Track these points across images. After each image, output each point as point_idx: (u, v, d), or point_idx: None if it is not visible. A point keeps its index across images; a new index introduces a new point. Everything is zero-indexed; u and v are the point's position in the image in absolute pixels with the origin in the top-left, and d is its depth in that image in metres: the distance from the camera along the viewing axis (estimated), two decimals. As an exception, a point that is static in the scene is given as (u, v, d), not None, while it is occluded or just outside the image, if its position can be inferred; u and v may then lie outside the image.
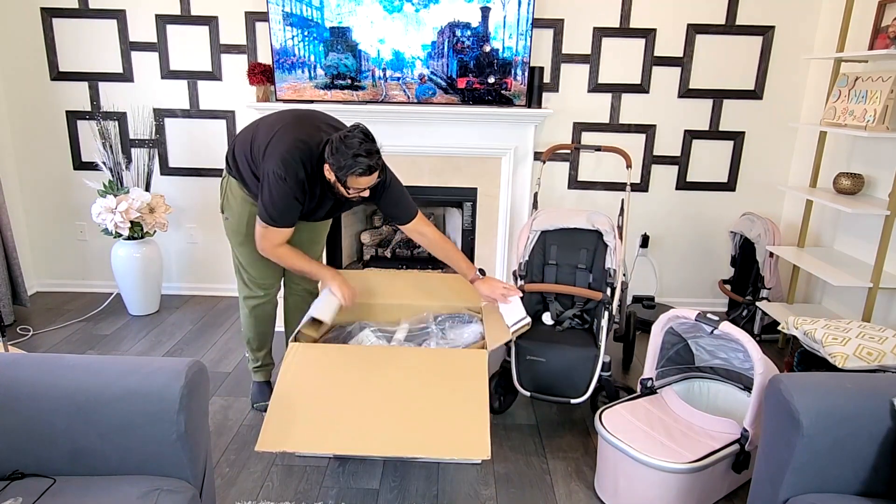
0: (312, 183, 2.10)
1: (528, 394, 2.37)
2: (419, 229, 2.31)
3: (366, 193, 2.11)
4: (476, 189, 3.53)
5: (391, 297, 2.47)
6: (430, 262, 3.84)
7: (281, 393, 1.82)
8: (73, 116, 3.51)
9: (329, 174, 2.03)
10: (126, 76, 3.45)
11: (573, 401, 2.32)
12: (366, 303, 2.40)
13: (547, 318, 2.60)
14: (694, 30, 3.33)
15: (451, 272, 2.48)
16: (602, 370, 2.34)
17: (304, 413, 1.79)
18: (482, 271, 2.37)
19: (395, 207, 2.26)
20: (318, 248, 2.56)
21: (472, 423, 1.82)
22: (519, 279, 2.54)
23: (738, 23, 3.31)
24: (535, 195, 3.02)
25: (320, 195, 2.16)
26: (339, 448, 1.75)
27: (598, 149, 2.93)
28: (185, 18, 3.36)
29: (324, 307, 2.16)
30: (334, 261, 3.66)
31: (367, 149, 1.95)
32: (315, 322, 2.19)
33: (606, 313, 2.40)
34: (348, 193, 2.07)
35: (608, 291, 2.44)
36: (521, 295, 2.34)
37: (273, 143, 2.08)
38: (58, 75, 3.44)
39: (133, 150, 3.57)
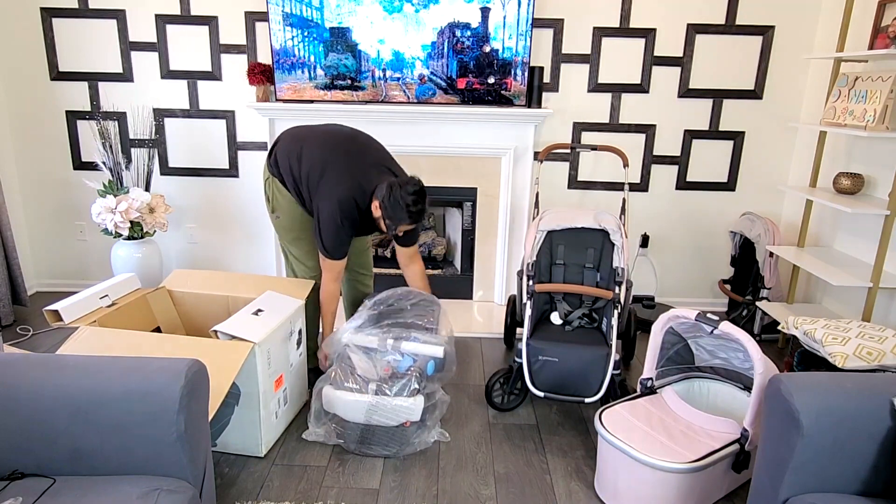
0: (364, 221, 2.39)
1: (541, 394, 2.37)
2: (412, 256, 2.65)
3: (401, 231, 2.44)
4: (476, 189, 3.53)
5: None
6: (429, 262, 3.85)
7: None
8: (73, 116, 3.51)
9: (377, 211, 2.31)
10: (126, 76, 3.45)
11: (587, 400, 2.33)
12: None
13: (555, 318, 2.60)
14: (694, 30, 3.33)
15: None
16: (612, 368, 2.34)
17: None
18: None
19: (407, 235, 2.58)
20: (367, 255, 2.84)
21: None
22: (527, 279, 2.53)
23: (737, 23, 3.31)
24: (537, 195, 3.03)
25: (365, 227, 2.44)
26: None
27: (595, 148, 2.93)
28: (185, 18, 3.36)
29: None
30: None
31: (419, 208, 2.25)
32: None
33: (616, 312, 2.41)
34: (388, 230, 2.35)
35: (616, 290, 2.45)
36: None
37: (329, 181, 2.30)
38: (58, 75, 3.44)
39: (133, 150, 3.57)
